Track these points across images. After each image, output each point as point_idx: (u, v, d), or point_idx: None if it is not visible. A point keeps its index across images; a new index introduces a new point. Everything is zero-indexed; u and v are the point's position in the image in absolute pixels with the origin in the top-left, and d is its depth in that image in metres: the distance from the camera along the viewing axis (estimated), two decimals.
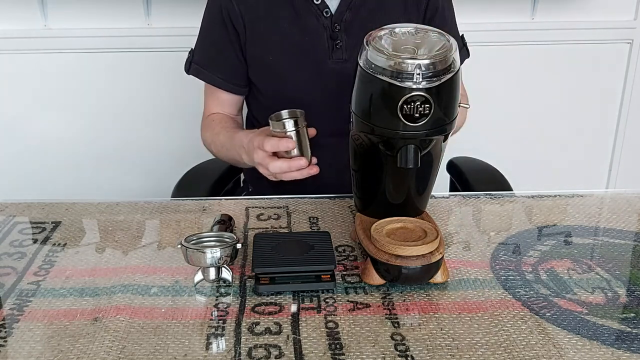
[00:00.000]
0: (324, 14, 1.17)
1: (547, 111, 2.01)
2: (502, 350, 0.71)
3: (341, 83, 1.13)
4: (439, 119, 0.76)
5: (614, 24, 1.93)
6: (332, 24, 1.17)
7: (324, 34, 1.18)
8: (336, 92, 1.14)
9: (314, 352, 0.71)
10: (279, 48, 1.19)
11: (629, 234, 0.96)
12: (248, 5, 1.19)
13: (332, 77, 1.17)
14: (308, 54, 1.18)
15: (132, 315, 0.78)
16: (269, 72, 1.21)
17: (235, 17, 1.19)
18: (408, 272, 0.79)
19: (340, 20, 1.17)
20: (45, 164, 1.97)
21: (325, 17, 1.17)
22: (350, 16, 1.17)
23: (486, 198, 1.08)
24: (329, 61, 1.18)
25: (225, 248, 0.81)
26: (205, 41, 1.26)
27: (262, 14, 1.19)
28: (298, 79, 1.19)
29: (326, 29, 1.17)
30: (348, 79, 1.13)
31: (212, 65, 1.25)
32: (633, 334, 0.74)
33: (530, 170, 1.94)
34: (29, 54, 1.85)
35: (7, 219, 1.02)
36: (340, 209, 1.04)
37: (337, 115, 1.16)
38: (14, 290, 0.83)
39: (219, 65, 1.25)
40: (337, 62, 1.18)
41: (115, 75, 1.87)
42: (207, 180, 1.30)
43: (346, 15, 1.17)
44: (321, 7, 1.17)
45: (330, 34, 1.17)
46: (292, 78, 1.20)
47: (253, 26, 1.19)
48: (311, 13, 1.17)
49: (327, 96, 1.17)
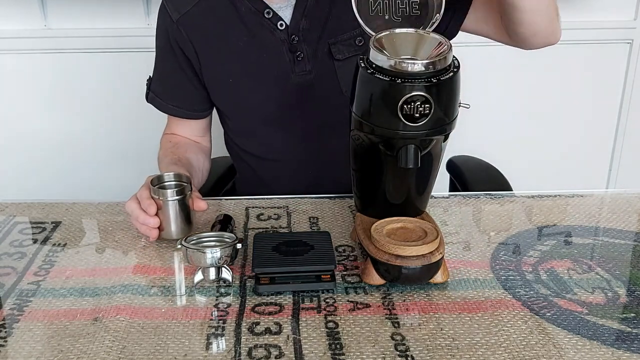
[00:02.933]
0: (279, 26, 1.10)
1: (547, 111, 2.01)
2: (502, 350, 0.71)
3: (307, 95, 1.12)
4: (439, 119, 0.76)
5: (614, 24, 1.93)
6: (289, 36, 1.10)
7: (282, 47, 1.11)
8: (303, 104, 1.13)
9: (314, 352, 0.71)
10: (237, 70, 1.13)
11: (629, 234, 0.96)
12: (197, 30, 1.13)
13: (297, 91, 1.12)
14: (269, 72, 1.12)
15: (132, 315, 0.78)
16: (231, 95, 1.17)
17: (185, 44, 1.14)
18: (408, 272, 0.79)
19: (297, 30, 1.10)
20: (45, 164, 1.97)
21: (281, 30, 1.10)
22: (307, 24, 1.10)
23: (486, 198, 1.08)
24: (292, 75, 1.11)
25: (225, 248, 0.81)
26: (158, 69, 1.22)
27: (213, 37, 1.13)
28: (262, 98, 1.14)
29: (284, 42, 1.11)
30: (314, 90, 1.12)
31: (165, 94, 1.21)
32: (633, 334, 0.74)
33: (530, 170, 1.94)
34: (29, 54, 1.85)
35: (7, 219, 1.02)
36: (340, 209, 1.04)
37: (305, 125, 1.16)
38: (14, 290, 0.83)
39: (172, 94, 1.20)
40: (301, 74, 1.11)
41: (115, 75, 1.87)
42: (207, 180, 1.29)
43: (302, 24, 1.10)
44: (274, 20, 1.10)
45: (289, 47, 1.11)
46: (255, 98, 1.15)
47: (206, 51, 1.14)
48: (265, 28, 1.11)
49: (294, 109, 1.14)
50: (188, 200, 0.94)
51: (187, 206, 0.94)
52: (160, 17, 1.17)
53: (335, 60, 1.11)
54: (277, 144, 1.19)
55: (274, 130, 1.18)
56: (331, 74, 1.11)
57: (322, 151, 1.18)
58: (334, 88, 1.11)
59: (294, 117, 1.15)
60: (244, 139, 1.23)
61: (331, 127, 1.13)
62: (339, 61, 1.11)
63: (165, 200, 0.92)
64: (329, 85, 1.12)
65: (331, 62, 1.11)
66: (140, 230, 0.94)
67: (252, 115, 1.18)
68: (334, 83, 1.11)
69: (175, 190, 0.93)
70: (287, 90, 1.13)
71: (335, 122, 1.10)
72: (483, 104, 1.66)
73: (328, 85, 1.12)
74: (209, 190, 1.28)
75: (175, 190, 0.93)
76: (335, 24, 1.10)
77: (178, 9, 1.14)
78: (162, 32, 1.17)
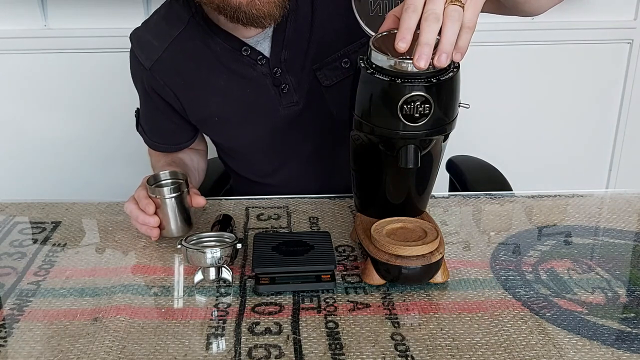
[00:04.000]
0: (259, 61, 1.05)
1: (547, 111, 2.01)
2: (502, 350, 0.71)
3: (296, 124, 1.10)
4: (439, 119, 0.76)
5: (614, 24, 1.93)
6: (271, 69, 1.05)
7: (266, 81, 1.06)
8: (294, 133, 1.11)
9: (314, 352, 0.71)
10: (222, 109, 1.09)
11: (629, 234, 0.96)
12: (172, 75, 1.08)
13: (286, 122, 1.09)
14: (255, 108, 1.08)
15: (132, 315, 0.78)
16: (221, 130, 1.15)
17: (162, 90, 1.10)
18: (408, 272, 0.79)
19: (278, 62, 1.04)
20: (45, 164, 1.97)
21: (262, 65, 1.05)
22: (288, 54, 1.04)
23: (486, 198, 1.08)
24: (280, 108, 1.07)
25: (225, 248, 0.81)
26: (141, 107, 1.19)
27: (190, 79, 1.08)
28: (251, 132, 1.11)
29: (267, 76, 1.05)
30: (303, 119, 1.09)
31: (150, 131, 1.20)
32: (633, 334, 0.74)
33: (530, 170, 1.94)
34: (29, 54, 1.85)
35: (7, 219, 1.02)
36: (340, 209, 1.04)
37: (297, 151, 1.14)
38: (14, 290, 0.83)
39: (156, 132, 1.20)
40: (289, 106, 1.07)
41: (115, 75, 1.87)
42: (207, 180, 1.30)
43: (283, 55, 1.04)
44: (253, 56, 1.04)
45: (272, 81, 1.06)
46: (243, 133, 1.12)
47: (185, 93, 1.10)
48: (244, 64, 1.05)
49: (285, 138, 1.12)
50: (186, 197, 0.94)
51: (185, 203, 0.94)
52: (133, 64, 1.13)
53: (322, 87, 1.06)
54: (271, 169, 1.18)
55: (267, 157, 1.16)
56: (319, 101, 1.07)
57: (317, 173, 1.16)
58: (323, 113, 1.08)
59: (286, 144, 1.13)
60: (236, 162, 1.22)
61: (325, 148, 1.13)
62: (327, 87, 1.06)
63: (163, 198, 0.92)
64: (318, 111, 1.08)
65: (319, 89, 1.07)
66: (141, 230, 0.94)
67: (242, 147, 1.16)
68: (323, 109, 1.08)
69: (172, 188, 0.93)
70: (275, 123, 1.09)
71: (329, 143, 1.10)
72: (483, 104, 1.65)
73: (317, 112, 1.08)
74: (208, 191, 1.28)
75: (172, 187, 0.93)
76: (317, 49, 1.05)
77: (149, 56, 1.09)
78: (137, 77, 1.14)
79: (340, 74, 1.06)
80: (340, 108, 1.05)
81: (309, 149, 1.14)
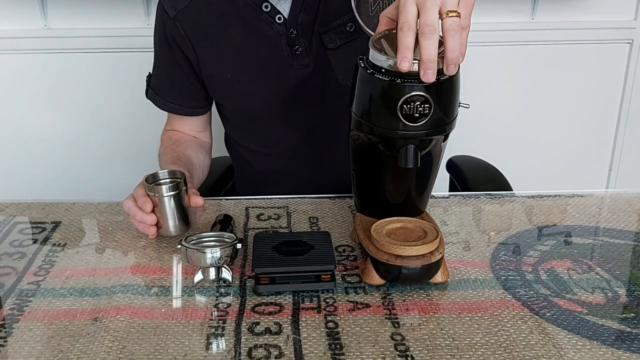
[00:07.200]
0: (277, 20, 1.09)
1: (547, 111, 2.01)
2: (502, 350, 0.71)
3: (305, 87, 1.12)
4: (439, 119, 0.76)
5: (614, 24, 1.93)
6: (288, 30, 1.09)
7: (281, 41, 1.10)
8: (302, 96, 1.13)
9: (314, 352, 0.71)
10: (236, 64, 1.13)
11: (629, 234, 0.96)
12: (193, 25, 1.12)
13: (295, 84, 1.12)
14: (267, 66, 1.12)
15: (132, 315, 0.78)
16: (230, 90, 1.17)
17: (182, 40, 1.14)
18: (408, 272, 0.79)
19: (295, 23, 1.09)
20: (45, 164, 1.97)
21: (279, 24, 1.09)
22: (306, 17, 1.09)
23: (486, 198, 1.08)
24: (291, 69, 1.11)
25: (225, 248, 0.81)
26: (156, 65, 1.22)
27: (210, 32, 1.12)
28: (260, 92, 1.14)
29: (282, 36, 1.10)
30: (311, 82, 1.11)
31: (163, 90, 1.21)
32: (633, 334, 0.74)
33: (530, 170, 1.94)
34: (29, 54, 1.85)
35: (7, 219, 1.02)
36: (340, 209, 1.04)
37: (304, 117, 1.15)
38: (14, 290, 0.83)
39: (170, 91, 1.21)
40: (299, 68, 1.11)
41: (115, 75, 1.87)
42: (207, 180, 1.30)
43: (301, 18, 1.09)
44: (272, 14, 1.09)
45: (287, 41, 1.10)
46: (254, 93, 1.14)
47: (203, 46, 1.13)
48: (263, 22, 1.10)
49: (293, 102, 1.14)
50: (184, 196, 0.94)
51: (183, 202, 0.94)
52: (158, 13, 1.17)
53: (327, 49, 1.10)
54: (275, 137, 1.19)
55: (273, 123, 1.18)
56: (326, 65, 1.11)
57: (322, 143, 1.18)
58: (330, 78, 1.11)
59: (292, 110, 1.15)
60: (243, 134, 1.24)
61: (330, 118, 1.13)
62: (331, 50, 1.10)
63: (161, 196, 0.92)
64: (325, 75, 1.11)
65: (324, 52, 1.10)
66: (139, 228, 0.94)
67: (250, 110, 1.18)
68: (329, 73, 1.11)
69: (170, 186, 0.93)
70: (285, 84, 1.12)
71: (333, 112, 1.10)
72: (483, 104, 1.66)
73: (324, 76, 1.12)
74: (209, 190, 1.28)
75: (169, 186, 0.93)
76: (325, 12, 1.09)
77: (175, 5, 1.13)
78: (159, 28, 1.17)
79: (344, 37, 1.10)
80: (345, 73, 1.08)
81: (315, 115, 1.15)
